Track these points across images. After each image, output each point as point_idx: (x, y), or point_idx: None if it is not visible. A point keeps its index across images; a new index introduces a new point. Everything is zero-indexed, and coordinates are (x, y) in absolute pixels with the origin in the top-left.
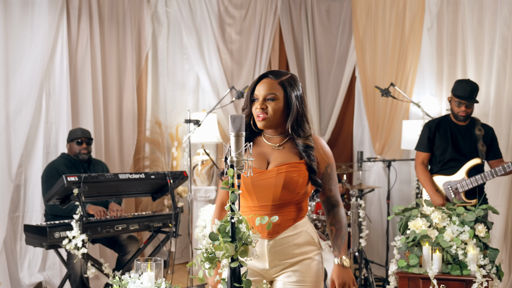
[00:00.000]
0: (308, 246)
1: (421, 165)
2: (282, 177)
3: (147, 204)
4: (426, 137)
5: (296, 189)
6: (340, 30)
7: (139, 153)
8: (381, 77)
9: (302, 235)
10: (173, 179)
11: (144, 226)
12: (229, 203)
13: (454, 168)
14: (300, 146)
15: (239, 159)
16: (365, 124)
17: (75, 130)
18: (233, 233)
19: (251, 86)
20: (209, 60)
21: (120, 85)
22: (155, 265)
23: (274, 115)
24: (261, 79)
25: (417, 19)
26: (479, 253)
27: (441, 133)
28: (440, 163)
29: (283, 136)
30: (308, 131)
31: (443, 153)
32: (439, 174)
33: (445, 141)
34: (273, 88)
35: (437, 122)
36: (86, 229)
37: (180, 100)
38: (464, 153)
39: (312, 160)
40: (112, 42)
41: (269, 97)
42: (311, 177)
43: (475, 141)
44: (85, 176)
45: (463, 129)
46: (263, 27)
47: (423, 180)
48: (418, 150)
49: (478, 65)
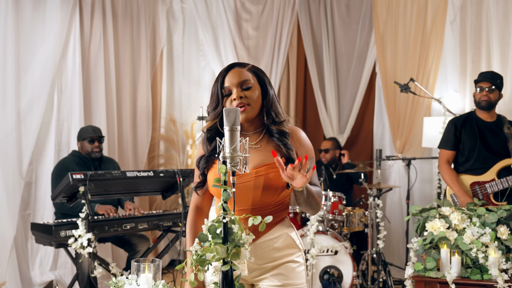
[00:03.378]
0: (289, 249)
1: (446, 164)
2: (261, 180)
3: (161, 203)
4: (452, 135)
5: (277, 191)
6: (360, 25)
7: (154, 151)
8: (402, 73)
9: (282, 238)
10: (183, 177)
11: (153, 225)
12: (222, 201)
13: (482, 169)
14: (275, 135)
15: (233, 155)
16: (385, 122)
17: (86, 128)
18: (225, 234)
19: (217, 80)
20: (225, 56)
21: (134, 82)
22: (152, 266)
23: (255, 103)
24: (228, 71)
25: (440, 12)
26: (501, 257)
27: (468, 130)
28: (467, 162)
29: (258, 133)
30: (282, 116)
31: (471, 151)
32: (466, 173)
33: (472, 138)
34: (246, 76)
35: (463, 119)
36: (92, 228)
37: (195, 97)
38: (493, 152)
39: (290, 148)
40: (126, 39)
41: (244, 86)
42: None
43: (505, 140)
44: (91, 173)
45: (491, 126)
46: (281, 22)
47: (449, 180)
48: (443, 148)
49: (504, 59)
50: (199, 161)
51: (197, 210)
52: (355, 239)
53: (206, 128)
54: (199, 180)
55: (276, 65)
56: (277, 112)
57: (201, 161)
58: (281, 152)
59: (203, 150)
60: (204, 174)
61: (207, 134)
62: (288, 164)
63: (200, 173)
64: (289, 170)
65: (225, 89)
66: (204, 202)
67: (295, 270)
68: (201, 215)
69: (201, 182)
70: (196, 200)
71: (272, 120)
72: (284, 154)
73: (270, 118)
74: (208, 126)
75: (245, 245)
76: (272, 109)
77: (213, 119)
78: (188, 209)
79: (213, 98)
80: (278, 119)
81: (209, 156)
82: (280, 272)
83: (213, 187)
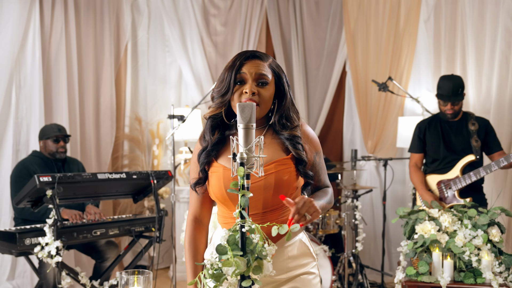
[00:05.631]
0: (304, 258)
1: (414, 167)
2: (272, 178)
3: (126, 206)
4: (417, 138)
5: (289, 190)
6: (330, 23)
7: (118, 151)
8: (374, 71)
9: (296, 245)
10: (157, 179)
11: (124, 231)
12: (239, 208)
13: (447, 168)
14: (284, 136)
15: (249, 156)
16: (355, 122)
17: (51, 126)
18: (243, 244)
19: (233, 65)
20: (192, 52)
21: (97, 78)
22: (142, 278)
23: (266, 104)
24: (247, 58)
25: (413, 11)
26: (494, 260)
27: (432, 132)
28: (434, 162)
29: (261, 129)
30: (294, 121)
31: (435, 152)
32: (433, 173)
33: (436, 140)
34: (265, 71)
35: (428, 122)
36: (60, 235)
37: (161, 95)
38: (456, 150)
39: (299, 149)
40: (89, 32)
41: (260, 81)
42: (300, 170)
43: (468, 137)
44: (59, 176)
45: (454, 126)
46: (249, 18)
47: (416, 181)
48: (411, 152)
49: (479, 59)
50: (199, 155)
51: (196, 222)
52: (330, 241)
53: (210, 114)
54: (199, 177)
55: None
56: (289, 118)
57: (201, 155)
58: (287, 151)
59: (203, 142)
60: (205, 170)
61: (211, 122)
62: (297, 165)
63: (201, 169)
64: (296, 217)
65: (239, 75)
66: (204, 212)
67: (311, 282)
68: (201, 228)
69: (202, 178)
70: (195, 211)
71: (283, 125)
72: (293, 155)
73: (281, 124)
74: (212, 112)
75: (268, 257)
76: (285, 115)
77: (219, 107)
78: (186, 221)
79: (223, 83)
80: (291, 125)
81: (211, 150)
82: (296, 286)
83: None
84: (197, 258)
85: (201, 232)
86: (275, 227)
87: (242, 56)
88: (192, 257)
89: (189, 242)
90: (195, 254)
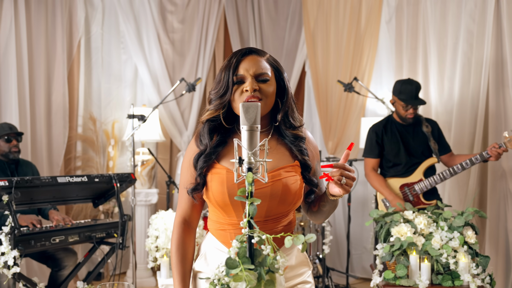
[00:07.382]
0: (301, 268)
1: (372, 171)
2: (279, 186)
3: (79, 211)
4: (374, 142)
5: (294, 199)
6: (289, 22)
7: (70, 152)
8: (335, 72)
9: (294, 253)
10: (120, 182)
11: (85, 237)
12: (247, 217)
13: (410, 171)
14: (289, 138)
15: (256, 160)
16: (315, 122)
17: (1, 125)
18: (251, 256)
19: (230, 65)
20: (148, 50)
21: (49, 75)
22: None
23: (269, 100)
24: (244, 56)
25: (374, 12)
26: (471, 261)
27: (389, 137)
28: (394, 167)
29: (265, 132)
30: (300, 121)
31: (396, 157)
32: (394, 177)
33: (395, 145)
34: (264, 67)
35: (383, 126)
36: (17, 243)
37: (116, 94)
38: (416, 153)
39: (305, 154)
40: (40, 27)
41: (261, 78)
42: (306, 177)
43: (425, 140)
44: (17, 180)
45: (410, 129)
46: (207, 16)
47: (378, 185)
48: (367, 157)
49: (441, 60)
50: (197, 160)
51: (185, 225)
52: None
53: (208, 117)
54: (197, 182)
55: (202, 61)
56: (294, 117)
57: (199, 159)
58: (294, 156)
59: (200, 145)
60: (203, 175)
61: (208, 125)
62: (303, 172)
63: (198, 174)
64: (335, 173)
65: (237, 76)
66: (194, 215)
67: None
68: (190, 232)
69: (200, 184)
70: (184, 213)
71: (290, 125)
72: (300, 162)
73: (288, 123)
74: (210, 115)
75: (280, 270)
76: (289, 112)
77: (217, 109)
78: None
79: (220, 83)
80: (295, 124)
81: (211, 153)
82: None
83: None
84: (185, 263)
85: (190, 236)
86: (288, 238)
87: (238, 54)
88: (180, 262)
89: (177, 246)
90: (183, 259)
